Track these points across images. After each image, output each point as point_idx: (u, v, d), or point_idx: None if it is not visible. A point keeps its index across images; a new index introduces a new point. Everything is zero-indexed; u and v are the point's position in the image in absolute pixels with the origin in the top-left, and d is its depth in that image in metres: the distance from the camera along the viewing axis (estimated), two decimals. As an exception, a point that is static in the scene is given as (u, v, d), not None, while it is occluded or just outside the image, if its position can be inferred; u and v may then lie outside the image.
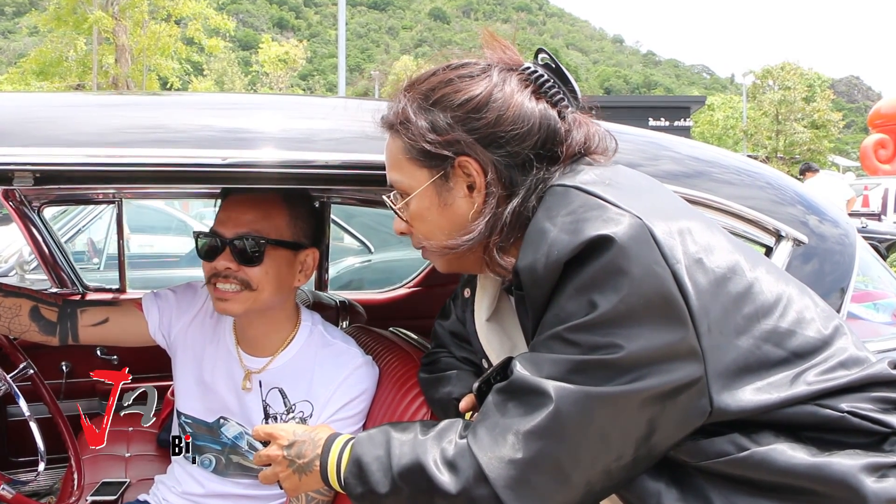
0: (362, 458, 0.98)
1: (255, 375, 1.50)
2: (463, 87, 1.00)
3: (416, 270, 3.18)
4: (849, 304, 1.39)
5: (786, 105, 33.93)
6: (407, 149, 1.02)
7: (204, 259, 1.45)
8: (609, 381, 0.85)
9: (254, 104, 1.39)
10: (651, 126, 20.84)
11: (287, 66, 32.68)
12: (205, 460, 1.55)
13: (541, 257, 0.90)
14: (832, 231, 1.43)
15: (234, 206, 1.45)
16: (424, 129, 1.00)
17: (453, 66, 1.03)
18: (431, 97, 1.01)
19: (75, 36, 18.01)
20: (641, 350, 0.85)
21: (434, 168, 1.01)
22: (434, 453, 0.92)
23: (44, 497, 2.19)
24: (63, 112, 1.22)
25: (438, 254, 1.07)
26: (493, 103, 0.98)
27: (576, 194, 0.94)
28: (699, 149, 1.48)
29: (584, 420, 0.86)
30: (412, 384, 1.39)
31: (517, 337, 1.17)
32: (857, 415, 0.91)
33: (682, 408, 0.88)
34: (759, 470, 0.90)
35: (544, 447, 0.86)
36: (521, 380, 0.89)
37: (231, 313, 1.46)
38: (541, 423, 0.86)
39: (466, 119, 0.99)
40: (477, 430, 0.91)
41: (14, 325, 1.51)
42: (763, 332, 0.92)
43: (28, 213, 2.57)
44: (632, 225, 0.88)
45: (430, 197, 1.03)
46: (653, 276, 0.86)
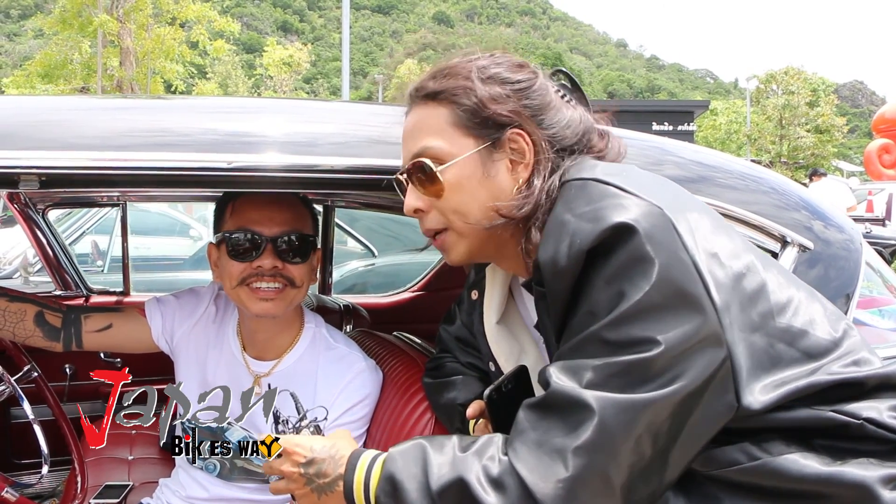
0: (396, 476, 0.92)
1: (264, 379, 1.50)
2: (514, 69, 1.04)
3: (420, 274, 3.18)
4: (854, 309, 1.39)
5: (789, 110, 33.85)
6: (456, 116, 1.01)
7: (239, 260, 1.42)
8: (649, 384, 0.84)
9: (258, 108, 1.39)
10: (654, 130, 20.85)
11: (291, 69, 32.75)
12: (209, 465, 1.54)
13: (563, 248, 0.89)
14: (837, 236, 1.43)
15: (267, 205, 1.44)
16: (485, 96, 1.00)
17: (490, 55, 1.06)
18: (485, 72, 1.02)
19: (80, 39, 18.07)
20: (676, 341, 0.84)
21: (483, 137, 1.01)
22: (477, 471, 0.87)
23: (46, 499, 2.19)
24: (68, 115, 1.22)
25: (464, 235, 1.04)
26: (540, 89, 1.03)
27: (594, 185, 0.94)
28: (703, 154, 1.47)
29: (628, 429, 0.84)
30: (416, 389, 1.39)
31: (525, 340, 1.17)
32: (875, 422, 0.90)
33: (713, 402, 0.87)
34: (770, 478, 0.89)
35: (591, 462, 0.83)
36: (559, 392, 0.86)
37: (273, 314, 1.44)
38: (586, 438, 0.83)
39: (521, 96, 1.01)
40: (518, 446, 0.87)
41: (19, 329, 1.51)
42: (777, 330, 0.92)
43: (33, 216, 2.58)
44: (652, 213, 0.88)
45: (474, 166, 1.01)
46: (679, 263, 0.86)
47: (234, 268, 1.42)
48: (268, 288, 1.41)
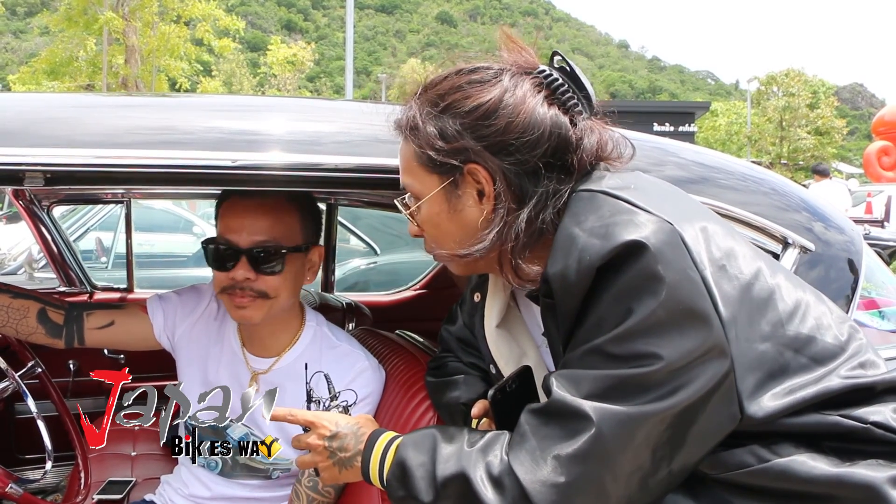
0: (406, 463, 0.96)
1: (262, 376, 1.51)
2: (473, 94, 0.98)
3: (422, 273, 3.19)
4: (855, 311, 1.39)
5: (790, 111, 33.77)
6: (417, 155, 1.01)
7: (217, 269, 1.42)
8: (648, 397, 0.85)
9: (263, 106, 1.39)
10: (656, 131, 20.81)
11: (295, 67, 32.69)
12: (211, 462, 1.55)
13: (572, 263, 0.89)
14: (838, 238, 1.43)
15: (246, 212, 1.41)
16: (433, 135, 0.99)
17: (465, 71, 1.02)
18: (441, 104, 1.00)
19: (86, 36, 18.06)
20: (678, 357, 0.84)
21: (444, 175, 1.00)
22: (480, 468, 0.90)
23: (50, 495, 2.20)
24: (74, 113, 1.23)
25: (449, 260, 1.07)
26: (502, 110, 0.96)
27: (603, 199, 0.94)
28: (704, 154, 1.47)
29: (625, 440, 0.85)
30: (419, 388, 1.40)
31: (526, 344, 1.17)
32: (881, 426, 0.91)
33: (715, 414, 0.87)
34: (779, 480, 0.89)
35: (587, 470, 0.85)
36: (560, 401, 0.88)
37: (252, 321, 1.43)
38: (582, 446, 0.85)
39: (475, 126, 0.97)
40: (518, 450, 0.89)
41: (21, 326, 1.52)
42: (786, 338, 0.93)
43: (37, 212, 2.58)
44: (663, 230, 0.88)
45: (440, 203, 1.02)
46: (688, 282, 0.87)
47: (216, 276, 1.43)
48: (242, 297, 1.40)
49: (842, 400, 0.92)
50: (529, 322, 1.20)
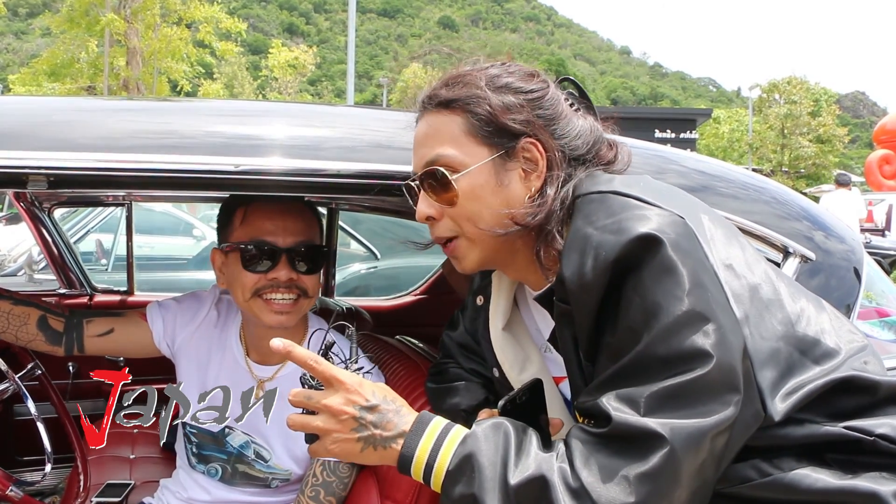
0: (477, 457, 0.87)
1: (267, 384, 1.50)
2: (524, 79, 1.04)
3: (423, 278, 3.19)
4: (855, 320, 1.39)
5: (791, 119, 33.84)
6: (470, 124, 1.01)
7: (253, 271, 1.40)
8: (710, 405, 0.83)
9: (265, 111, 1.40)
10: (657, 138, 20.86)
11: (296, 71, 32.76)
12: (211, 469, 1.54)
13: (588, 260, 0.88)
14: (838, 247, 1.43)
15: (281, 214, 1.42)
16: (498, 106, 1.00)
17: (501, 63, 1.06)
18: (498, 82, 1.02)
19: (87, 38, 18.10)
20: (722, 350, 0.83)
21: (496, 146, 1.01)
22: (558, 474, 0.85)
23: (48, 497, 2.20)
24: (77, 116, 1.23)
25: (481, 239, 1.03)
26: (552, 98, 1.03)
27: (612, 198, 0.94)
28: (705, 162, 1.48)
29: (695, 454, 0.83)
30: (419, 393, 1.40)
31: (530, 348, 1.17)
32: (888, 438, 0.91)
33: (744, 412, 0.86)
34: (783, 493, 0.90)
35: (657, 488, 0.82)
36: (624, 425, 0.84)
37: (287, 325, 1.42)
38: (655, 465, 0.82)
39: (534, 105, 1.01)
40: (589, 464, 0.85)
41: (21, 333, 1.51)
42: (795, 338, 0.94)
43: (38, 214, 2.58)
44: (675, 222, 0.89)
45: (487, 175, 1.01)
46: (705, 270, 0.87)
47: (247, 279, 1.40)
48: (282, 300, 1.40)
49: (847, 405, 0.93)
50: (531, 326, 1.20)
